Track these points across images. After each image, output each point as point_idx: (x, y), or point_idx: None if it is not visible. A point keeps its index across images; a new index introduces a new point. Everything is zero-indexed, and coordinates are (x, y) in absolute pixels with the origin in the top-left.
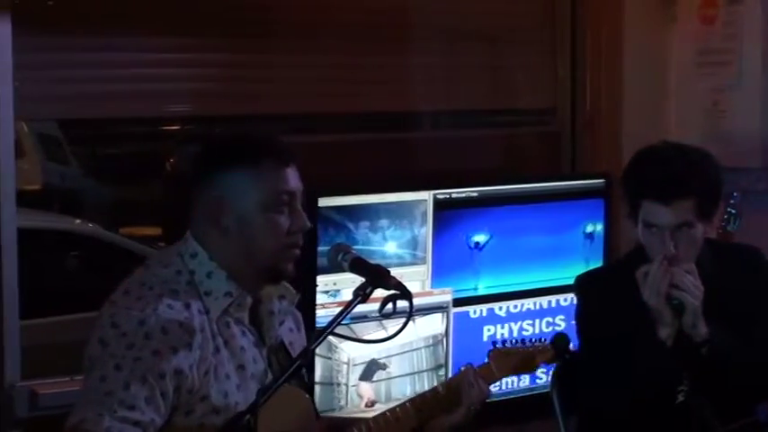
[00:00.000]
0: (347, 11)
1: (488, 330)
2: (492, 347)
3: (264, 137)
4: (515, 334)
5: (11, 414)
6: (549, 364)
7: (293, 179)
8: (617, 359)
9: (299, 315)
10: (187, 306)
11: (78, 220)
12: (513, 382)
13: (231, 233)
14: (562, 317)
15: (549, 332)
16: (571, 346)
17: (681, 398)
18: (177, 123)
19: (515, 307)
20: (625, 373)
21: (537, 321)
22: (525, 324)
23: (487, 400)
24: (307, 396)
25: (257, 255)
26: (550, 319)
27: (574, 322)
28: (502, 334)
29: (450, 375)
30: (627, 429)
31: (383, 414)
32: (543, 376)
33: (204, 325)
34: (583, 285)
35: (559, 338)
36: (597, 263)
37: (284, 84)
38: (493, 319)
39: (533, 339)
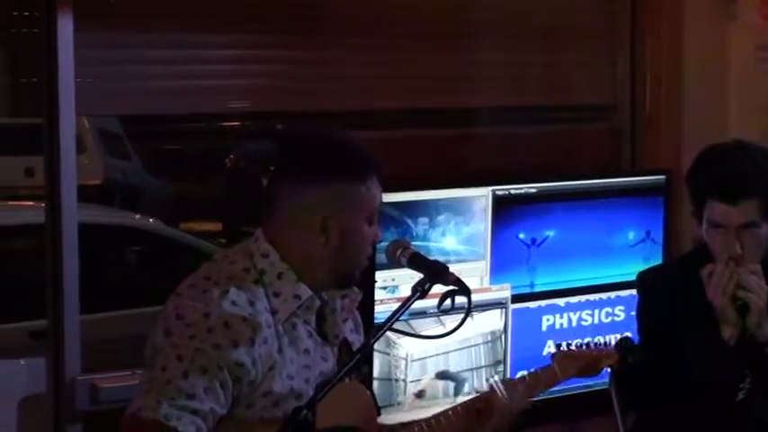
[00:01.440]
0: (405, 7)
1: (547, 320)
2: (557, 350)
3: (362, 149)
4: (574, 324)
5: (71, 407)
6: (615, 368)
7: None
8: (678, 356)
9: (358, 317)
10: (252, 303)
11: (138, 215)
12: None
13: (330, 244)
14: (621, 308)
15: (609, 323)
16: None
17: (741, 396)
18: (237, 119)
19: (570, 303)
20: (686, 371)
21: (596, 312)
22: (584, 314)
23: (541, 397)
24: (367, 391)
25: (346, 264)
26: (609, 310)
27: (634, 314)
28: (561, 324)
29: (508, 372)
30: (686, 426)
31: (434, 417)
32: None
33: (270, 323)
34: (645, 282)
35: (624, 342)
36: (656, 261)
37: (342, 80)
38: (552, 309)
39: (597, 343)
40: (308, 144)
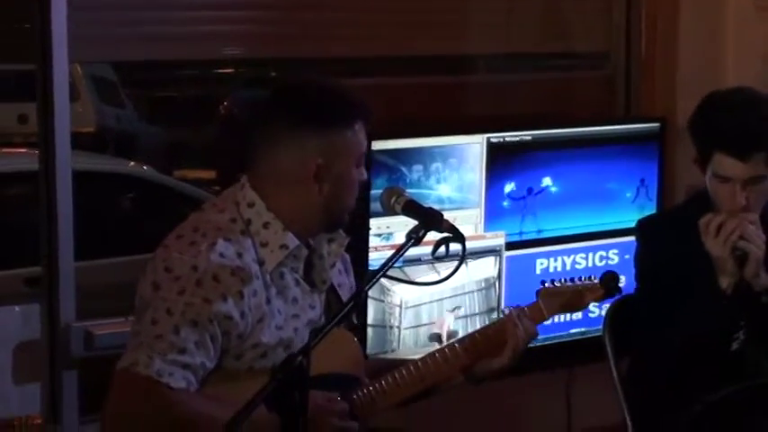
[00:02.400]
0: None
1: (541, 264)
2: (541, 287)
3: (351, 95)
4: (568, 268)
5: (66, 354)
6: (599, 303)
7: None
8: (675, 303)
9: (347, 257)
10: (240, 255)
11: (132, 163)
12: (562, 325)
13: (322, 192)
14: (615, 251)
15: (603, 266)
16: (621, 283)
17: (735, 346)
18: (232, 66)
19: (565, 250)
20: (682, 318)
21: (590, 255)
22: (579, 258)
23: (537, 344)
24: (355, 339)
25: (336, 210)
26: (603, 254)
27: (628, 258)
28: (555, 267)
29: None
30: (679, 374)
31: (431, 354)
32: (594, 316)
33: (258, 274)
34: (644, 228)
35: (609, 276)
36: (650, 209)
37: (338, 27)
38: (546, 253)
39: (582, 278)
40: (293, 91)
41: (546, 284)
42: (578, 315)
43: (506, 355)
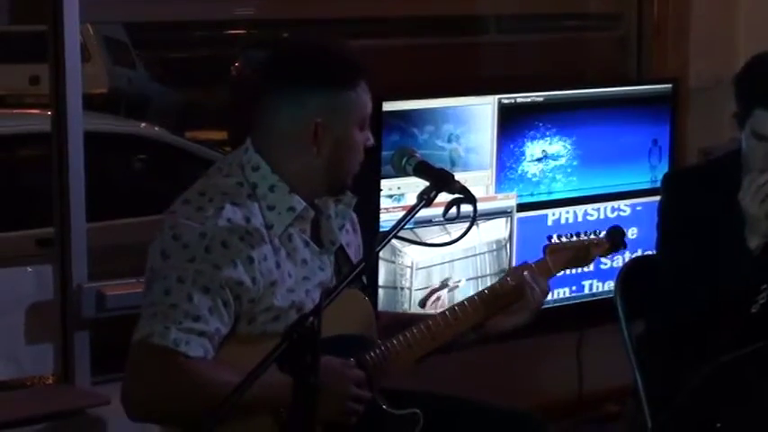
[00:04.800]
0: None
1: (553, 215)
2: (547, 243)
3: (353, 56)
4: (580, 219)
5: (78, 314)
6: (605, 257)
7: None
8: (699, 261)
9: (354, 217)
10: (247, 219)
11: (144, 124)
12: (573, 287)
13: (322, 154)
14: (627, 202)
15: (615, 218)
16: (627, 237)
17: (755, 309)
18: (243, 27)
19: (577, 212)
20: (705, 276)
21: (601, 207)
22: (590, 209)
23: (548, 306)
24: (366, 299)
25: (339, 172)
26: (615, 204)
27: (640, 209)
28: (566, 218)
29: None
30: (697, 334)
31: (450, 309)
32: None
33: (266, 239)
34: (670, 183)
35: (615, 231)
36: (662, 170)
37: None
38: (559, 221)
39: (588, 232)
40: (295, 52)
41: (552, 240)
42: (590, 268)
43: (522, 312)
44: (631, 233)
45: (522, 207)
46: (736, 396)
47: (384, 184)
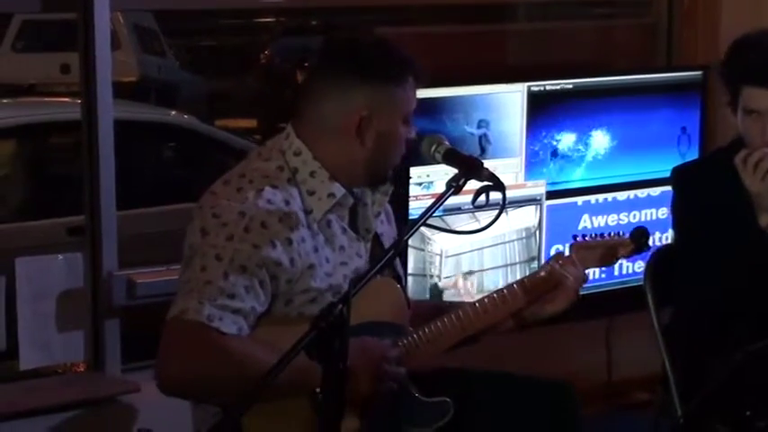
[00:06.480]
0: None
1: (582, 203)
2: (573, 241)
3: (403, 53)
4: (610, 200)
5: (109, 302)
6: (630, 257)
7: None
8: (714, 249)
9: (389, 208)
10: (287, 202)
11: (174, 112)
12: (601, 274)
13: (365, 146)
14: (656, 190)
15: (645, 198)
16: (650, 240)
17: None
18: (272, 15)
19: (606, 200)
20: (722, 263)
21: (630, 194)
22: (619, 196)
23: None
24: (398, 286)
25: (380, 165)
26: (641, 193)
27: (669, 213)
28: (596, 199)
29: None
30: (722, 319)
31: (489, 296)
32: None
33: (304, 223)
34: (679, 176)
35: (639, 232)
36: (693, 156)
37: None
38: (588, 208)
39: (612, 233)
40: (347, 45)
41: (578, 238)
42: None
43: (562, 300)
44: (662, 213)
45: (551, 195)
46: (765, 385)
47: (413, 171)
